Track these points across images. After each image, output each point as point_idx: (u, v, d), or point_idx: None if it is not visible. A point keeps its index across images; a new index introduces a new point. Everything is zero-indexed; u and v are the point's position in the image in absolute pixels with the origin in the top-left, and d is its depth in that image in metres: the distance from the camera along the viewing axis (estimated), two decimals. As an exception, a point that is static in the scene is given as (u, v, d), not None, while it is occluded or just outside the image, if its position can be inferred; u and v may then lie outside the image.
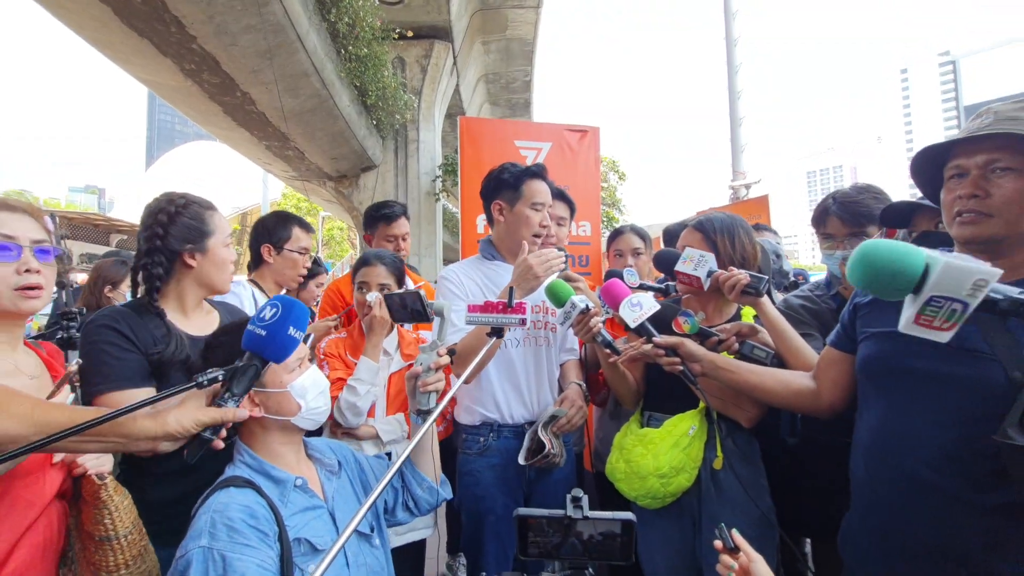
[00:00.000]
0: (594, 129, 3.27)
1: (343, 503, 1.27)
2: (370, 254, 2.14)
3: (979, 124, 1.10)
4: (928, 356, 1.12)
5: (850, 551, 1.28)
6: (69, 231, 9.75)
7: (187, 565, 0.96)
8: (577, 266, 3.11)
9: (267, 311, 1.05)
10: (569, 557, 1.03)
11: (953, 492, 1.05)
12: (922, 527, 1.09)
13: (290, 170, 10.52)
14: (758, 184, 9.73)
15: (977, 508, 1.03)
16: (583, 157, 3.23)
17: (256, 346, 1.04)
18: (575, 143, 3.21)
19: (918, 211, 1.66)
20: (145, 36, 5.66)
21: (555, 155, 3.16)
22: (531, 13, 11.52)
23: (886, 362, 1.21)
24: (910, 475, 1.11)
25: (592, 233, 3.20)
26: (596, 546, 1.02)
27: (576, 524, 1.01)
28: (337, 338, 2.12)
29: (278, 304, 1.06)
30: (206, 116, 7.94)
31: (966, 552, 1.04)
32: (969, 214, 1.09)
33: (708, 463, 1.59)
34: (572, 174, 3.16)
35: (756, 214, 4.64)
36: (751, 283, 1.53)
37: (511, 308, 1.33)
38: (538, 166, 1.96)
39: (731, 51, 10.17)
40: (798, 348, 1.54)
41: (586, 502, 1.03)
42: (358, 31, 7.64)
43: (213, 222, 1.53)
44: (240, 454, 1.18)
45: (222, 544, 0.98)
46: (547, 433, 1.73)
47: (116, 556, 1.13)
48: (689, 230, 1.77)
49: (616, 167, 16.04)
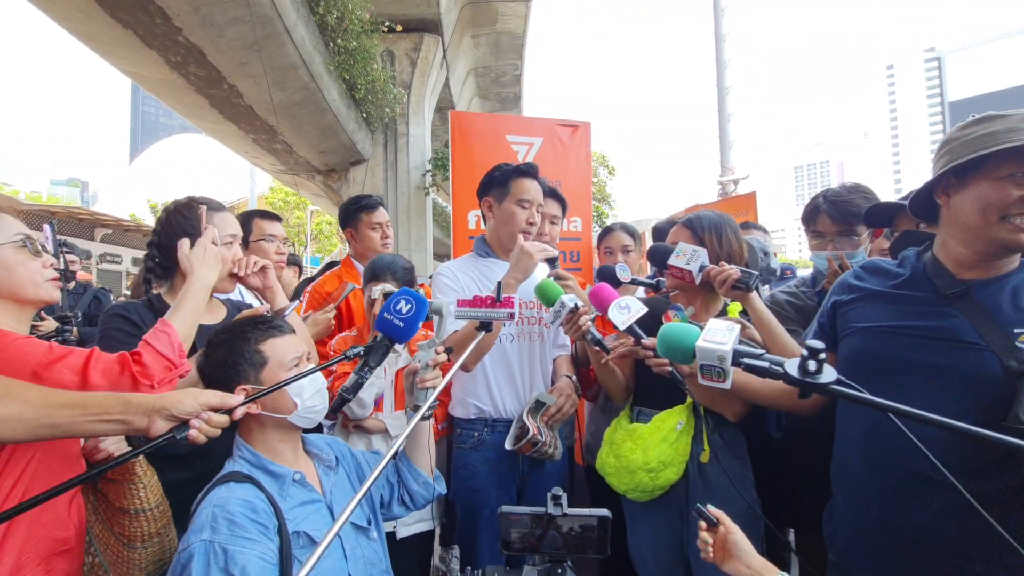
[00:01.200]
0: (585, 124, 3.28)
1: (341, 497, 1.29)
2: (379, 267, 2.05)
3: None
4: (919, 349, 1.16)
5: (838, 543, 1.31)
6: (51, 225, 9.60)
7: (189, 558, 0.98)
8: (568, 261, 3.12)
9: (403, 305, 1.22)
10: (549, 551, 1.10)
11: (950, 483, 1.09)
12: (923, 520, 1.12)
13: (278, 164, 10.42)
14: (746, 180, 9.82)
15: (977, 498, 1.07)
16: (574, 152, 3.23)
17: (391, 332, 1.22)
18: (566, 138, 3.21)
19: (901, 211, 1.70)
20: (129, 28, 5.58)
21: (547, 150, 3.15)
22: (521, 6, 11.48)
23: (878, 356, 1.23)
24: (908, 469, 1.14)
25: (583, 229, 3.21)
26: (574, 540, 1.09)
27: (556, 520, 1.08)
28: (347, 336, 2.13)
29: (412, 301, 1.23)
30: (192, 109, 7.85)
31: (963, 540, 1.08)
32: None
33: (695, 457, 1.63)
34: (563, 169, 3.17)
35: (744, 210, 4.69)
36: (741, 278, 1.57)
37: (499, 302, 1.36)
38: (528, 164, 1.98)
39: (720, 47, 10.23)
40: (784, 343, 1.57)
41: (565, 500, 1.09)
42: (347, 24, 7.57)
43: (223, 221, 1.62)
44: (239, 450, 1.20)
45: (223, 537, 1.00)
46: (532, 419, 1.76)
47: (150, 526, 1.24)
48: (678, 227, 1.80)
49: (606, 162, 16.06)
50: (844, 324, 1.33)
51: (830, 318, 1.38)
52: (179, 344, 1.24)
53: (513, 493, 1.89)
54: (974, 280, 1.16)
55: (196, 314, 1.36)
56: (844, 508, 1.31)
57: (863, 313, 1.29)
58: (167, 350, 1.21)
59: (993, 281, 1.15)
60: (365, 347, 1.21)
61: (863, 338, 1.28)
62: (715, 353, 0.97)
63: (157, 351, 1.19)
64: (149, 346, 1.19)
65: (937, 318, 1.17)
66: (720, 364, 0.97)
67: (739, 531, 1.06)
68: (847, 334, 1.32)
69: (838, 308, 1.36)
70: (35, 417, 0.93)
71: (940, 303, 1.18)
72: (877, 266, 1.35)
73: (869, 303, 1.29)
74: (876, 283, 1.31)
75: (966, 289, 1.15)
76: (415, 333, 1.24)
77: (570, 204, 3.02)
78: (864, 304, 1.30)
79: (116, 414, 0.98)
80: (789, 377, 0.90)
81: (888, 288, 1.28)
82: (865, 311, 1.29)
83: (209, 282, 1.43)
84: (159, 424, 1.00)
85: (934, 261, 1.23)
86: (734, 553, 1.09)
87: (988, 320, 1.10)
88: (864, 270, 1.37)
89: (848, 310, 1.33)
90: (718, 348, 0.97)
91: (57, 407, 0.95)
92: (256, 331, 1.22)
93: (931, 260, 1.24)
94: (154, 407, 1.00)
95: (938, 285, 1.19)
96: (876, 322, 1.25)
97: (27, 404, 0.93)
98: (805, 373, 0.88)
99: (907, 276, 1.26)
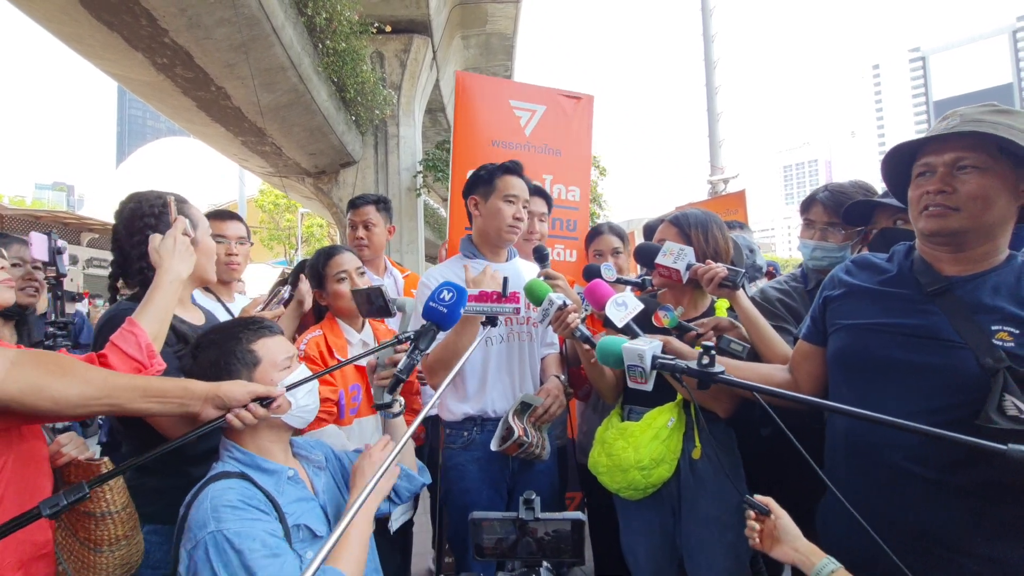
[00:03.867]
0: (588, 96, 3.27)
1: (330, 498, 1.29)
2: (331, 248, 2.12)
3: (947, 125, 1.15)
4: (901, 346, 1.17)
5: (829, 537, 1.32)
6: (36, 230, 9.48)
7: (204, 551, 0.98)
8: (564, 230, 3.14)
9: (445, 294, 1.30)
10: (524, 556, 1.09)
11: (932, 477, 1.10)
12: (904, 513, 1.13)
13: (267, 166, 10.34)
14: (736, 179, 9.90)
15: (956, 490, 1.08)
16: (576, 123, 3.22)
17: (436, 318, 1.30)
18: (569, 109, 3.20)
19: (878, 209, 1.72)
20: (115, 29, 5.51)
21: (549, 118, 3.14)
22: (511, 7, 11.48)
23: (860, 353, 1.25)
24: (889, 464, 1.15)
25: (581, 199, 3.21)
26: (548, 545, 1.08)
27: (529, 525, 1.08)
28: (314, 338, 2.07)
29: (453, 290, 1.31)
30: (180, 111, 7.77)
31: (951, 533, 1.09)
32: (936, 208, 1.14)
33: (687, 454, 1.64)
34: (565, 138, 3.17)
35: (733, 208, 4.73)
36: (728, 276, 1.58)
37: (506, 297, 1.41)
38: (513, 162, 1.99)
39: (708, 47, 10.30)
40: (771, 340, 1.58)
41: (538, 503, 1.09)
42: (336, 25, 7.53)
43: (197, 214, 1.57)
44: (228, 451, 1.19)
45: (229, 523, 1.01)
46: (517, 420, 1.76)
47: (116, 529, 1.22)
48: (665, 225, 1.81)
49: (597, 162, 16.07)
50: (832, 320, 1.34)
51: (821, 313, 1.38)
52: (147, 344, 1.21)
53: (504, 493, 1.89)
54: (957, 276, 1.17)
55: (166, 311, 1.30)
56: (833, 503, 1.33)
57: (849, 310, 1.30)
58: (135, 351, 1.18)
59: (975, 277, 1.16)
60: (415, 332, 1.29)
61: (848, 335, 1.29)
62: (635, 352, 1.13)
63: (125, 353, 1.16)
64: (116, 347, 1.16)
65: (918, 316, 1.18)
66: (640, 363, 1.13)
67: (787, 516, 1.08)
68: (834, 330, 1.33)
69: (828, 303, 1.37)
70: (97, 397, 0.99)
71: (922, 300, 1.19)
72: (867, 261, 1.36)
73: (856, 299, 1.30)
74: (864, 279, 1.32)
75: (948, 286, 1.16)
76: (458, 319, 1.33)
77: (569, 174, 3.02)
78: (851, 300, 1.31)
79: (175, 398, 1.07)
80: (690, 370, 1.08)
81: (874, 285, 1.29)
82: (851, 307, 1.30)
83: (180, 275, 1.35)
84: (210, 411, 1.08)
85: (920, 257, 1.25)
86: (782, 538, 1.10)
87: (967, 317, 1.11)
88: (855, 265, 1.38)
89: (837, 306, 1.34)
90: (638, 348, 1.13)
91: (120, 389, 1.02)
92: (247, 331, 1.22)
93: (918, 257, 1.25)
94: (207, 394, 1.08)
95: (922, 282, 1.20)
96: (861, 319, 1.26)
97: (89, 384, 0.99)
98: (701, 366, 1.06)
99: (893, 273, 1.27)
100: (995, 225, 1.14)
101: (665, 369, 1.13)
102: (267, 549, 1.01)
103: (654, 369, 1.14)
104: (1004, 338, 1.05)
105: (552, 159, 3.13)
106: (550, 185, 3.07)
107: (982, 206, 1.10)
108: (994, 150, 1.09)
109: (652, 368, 1.14)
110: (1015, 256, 1.17)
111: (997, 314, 1.09)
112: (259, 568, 0.98)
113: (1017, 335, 1.05)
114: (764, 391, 1.03)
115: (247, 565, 0.98)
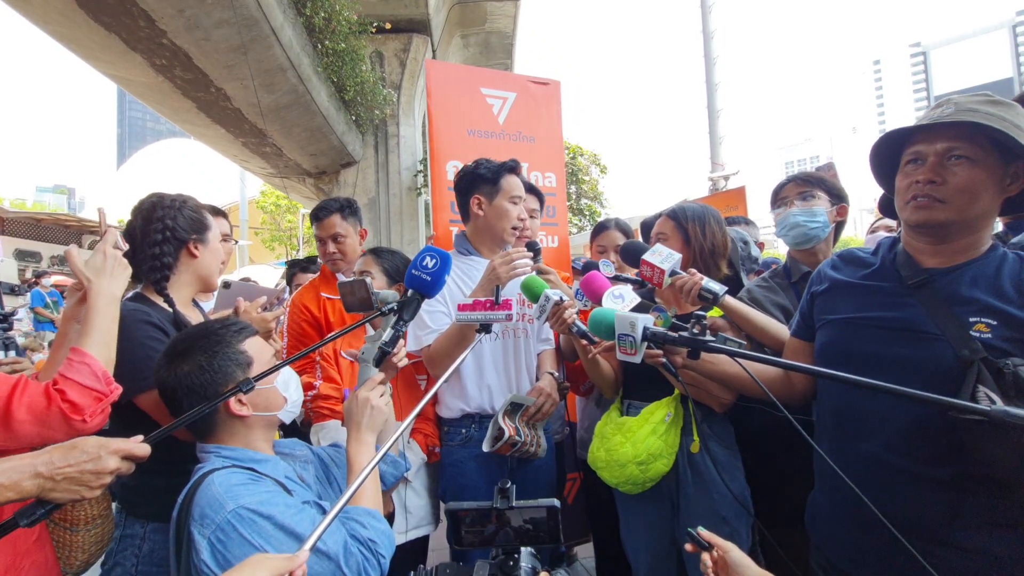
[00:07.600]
0: (555, 82, 3.29)
1: (320, 489, 1.29)
2: None
3: (940, 113, 1.13)
4: (881, 340, 1.17)
5: (818, 529, 1.33)
6: (38, 232, 9.48)
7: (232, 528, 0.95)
8: (544, 216, 3.15)
9: (428, 260, 1.27)
10: (503, 544, 1.10)
11: (913, 469, 1.10)
12: (886, 505, 1.12)
13: (268, 167, 10.35)
14: (736, 175, 9.89)
15: (935, 482, 1.08)
16: (546, 109, 3.23)
17: (420, 286, 1.27)
18: (539, 95, 3.22)
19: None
20: (113, 31, 5.51)
21: (520, 105, 3.15)
22: (510, 6, 11.47)
23: (842, 348, 1.25)
24: (870, 456, 1.15)
25: (557, 184, 3.21)
26: (526, 532, 1.09)
27: (505, 513, 1.08)
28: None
29: (436, 256, 1.28)
30: (179, 113, 7.78)
31: (929, 525, 1.09)
32: (924, 199, 1.13)
33: (685, 448, 1.64)
34: (537, 125, 3.18)
35: (733, 205, 4.75)
36: (708, 289, 1.57)
37: (498, 305, 1.42)
38: (514, 161, 1.99)
39: (708, 44, 10.28)
40: (765, 326, 1.58)
41: (513, 492, 1.10)
42: (335, 25, 7.53)
43: (208, 216, 1.60)
44: (207, 453, 1.13)
45: (246, 497, 0.99)
46: (508, 420, 1.76)
47: (92, 508, 1.31)
48: (663, 218, 1.81)
49: (598, 160, 16.09)
50: (818, 315, 1.34)
51: (809, 308, 1.39)
52: (102, 371, 1.13)
53: (504, 488, 1.89)
54: (936, 269, 1.17)
55: (110, 334, 1.20)
56: (820, 495, 1.33)
57: (833, 304, 1.30)
58: (91, 381, 1.09)
59: (954, 269, 1.15)
60: (399, 302, 1.27)
61: (832, 329, 1.29)
62: (627, 320, 1.15)
63: (82, 385, 1.08)
64: (70, 380, 1.07)
65: (898, 309, 1.18)
66: (632, 332, 1.15)
67: (734, 548, 1.05)
68: (820, 325, 1.33)
69: (815, 299, 1.37)
70: None
71: (903, 293, 1.18)
72: (853, 256, 1.36)
73: (840, 294, 1.30)
74: (848, 274, 1.32)
75: (928, 278, 1.16)
76: (442, 287, 1.30)
77: (545, 161, 3.03)
78: (836, 295, 1.31)
79: None
80: (681, 339, 1.09)
81: (857, 279, 1.29)
82: (835, 302, 1.30)
83: (114, 294, 1.23)
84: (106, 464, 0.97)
85: (903, 250, 1.24)
86: (736, 571, 1.09)
87: (945, 309, 1.11)
88: (840, 259, 1.38)
89: (822, 301, 1.34)
90: (630, 317, 1.15)
91: None
92: (231, 333, 1.18)
93: (901, 249, 1.25)
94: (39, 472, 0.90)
95: (903, 275, 1.20)
96: (843, 313, 1.27)
97: None
98: (692, 335, 1.08)
99: (876, 266, 1.27)
100: (979, 218, 1.13)
101: (656, 339, 1.14)
102: (295, 507, 1.02)
103: (644, 340, 1.14)
104: (982, 329, 1.05)
105: (527, 146, 3.12)
106: (527, 172, 3.05)
107: (969, 199, 1.10)
108: (985, 141, 1.09)
109: (643, 339, 1.14)
110: (997, 247, 1.16)
111: (974, 305, 1.09)
112: (295, 523, 0.98)
113: (995, 326, 1.05)
114: (752, 357, 1.04)
115: (283, 524, 0.97)
